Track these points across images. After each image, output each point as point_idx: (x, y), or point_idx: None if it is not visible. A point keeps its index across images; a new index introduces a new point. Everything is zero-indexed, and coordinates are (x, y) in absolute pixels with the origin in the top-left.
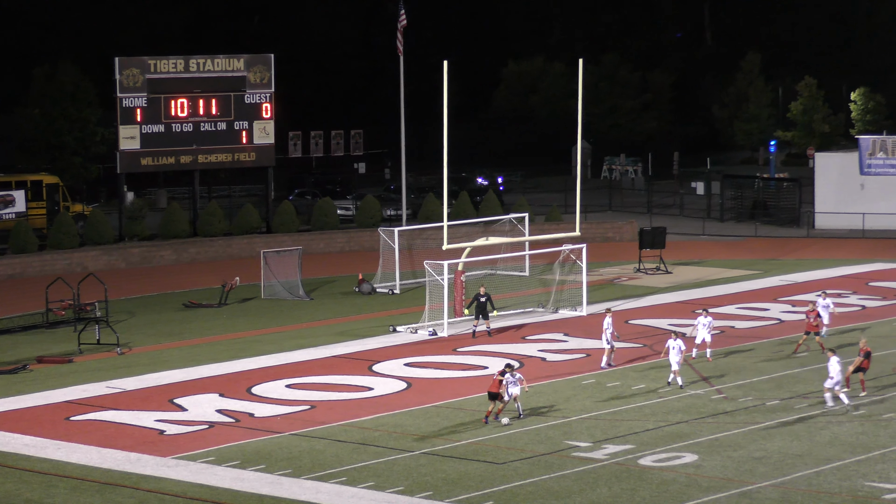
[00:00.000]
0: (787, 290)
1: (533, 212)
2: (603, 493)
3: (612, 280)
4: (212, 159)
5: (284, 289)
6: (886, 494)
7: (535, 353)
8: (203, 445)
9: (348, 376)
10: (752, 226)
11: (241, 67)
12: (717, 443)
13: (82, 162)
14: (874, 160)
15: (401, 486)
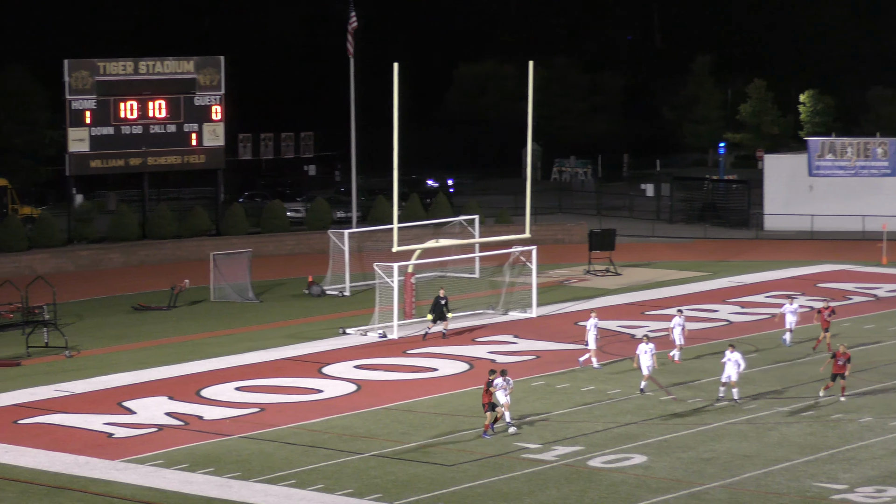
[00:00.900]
0: (736, 292)
1: (483, 214)
2: (552, 495)
3: (562, 282)
4: (161, 162)
5: (234, 291)
6: (834, 495)
7: (485, 354)
8: (152, 448)
9: (298, 379)
10: (701, 227)
11: (190, 69)
12: (666, 444)
13: (31, 164)
14: (823, 162)
15: (351, 489)
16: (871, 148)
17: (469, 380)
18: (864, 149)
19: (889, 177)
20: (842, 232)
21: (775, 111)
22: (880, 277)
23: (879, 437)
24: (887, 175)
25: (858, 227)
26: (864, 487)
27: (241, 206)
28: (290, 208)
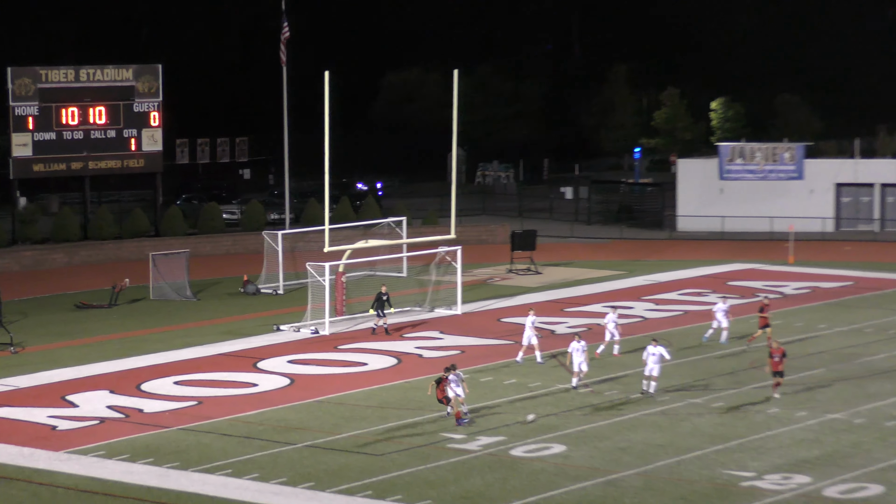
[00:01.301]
0: (650, 290)
1: (410, 215)
2: (476, 483)
3: (486, 280)
4: (102, 166)
5: (172, 290)
6: (743, 482)
7: (412, 350)
8: (94, 440)
9: (234, 373)
10: (618, 228)
11: (129, 77)
12: (584, 434)
13: None
14: (733, 166)
15: (284, 478)
16: (779, 153)
17: (397, 374)
18: (772, 154)
19: (795, 180)
20: (751, 233)
21: (688, 118)
22: (787, 276)
23: (786, 427)
24: (794, 179)
25: (766, 228)
26: (772, 475)
27: (178, 208)
28: (226, 210)
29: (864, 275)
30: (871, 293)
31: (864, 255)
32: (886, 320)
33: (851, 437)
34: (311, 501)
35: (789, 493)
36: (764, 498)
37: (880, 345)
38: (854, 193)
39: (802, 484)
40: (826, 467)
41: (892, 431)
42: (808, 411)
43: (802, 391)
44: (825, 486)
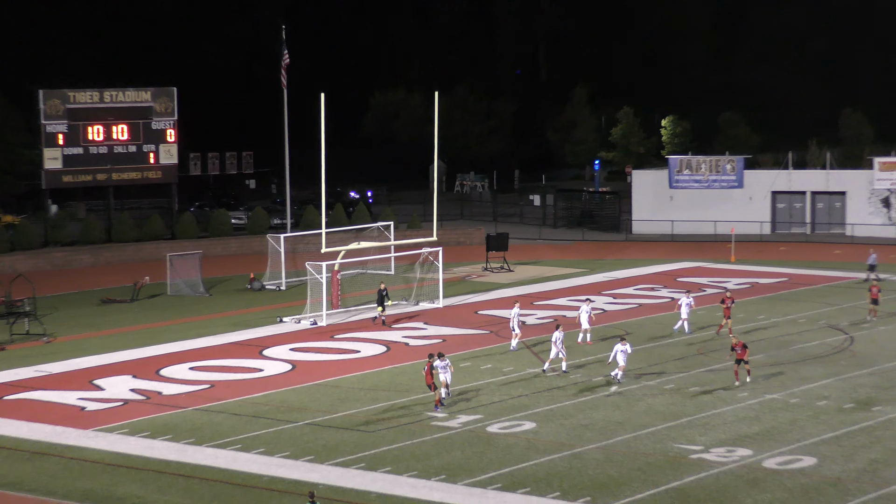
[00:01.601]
0: (609, 285)
1: (397, 220)
2: (457, 456)
3: (464, 277)
4: (124, 177)
5: (187, 286)
6: (692, 455)
7: (399, 339)
8: (118, 419)
9: (242, 360)
10: (580, 231)
11: (148, 98)
12: (551, 413)
13: (11, 179)
14: (681, 176)
15: (287, 452)
16: (722, 164)
17: (386, 360)
18: (716, 165)
19: (736, 189)
20: (697, 235)
21: (641, 133)
22: (730, 273)
23: (730, 405)
24: (735, 187)
25: (711, 230)
26: (717, 448)
27: (191, 214)
28: (234, 216)
29: (797, 272)
30: (803, 288)
31: (797, 255)
32: (817, 312)
33: (788, 415)
34: (311, 473)
35: (733, 465)
36: (710, 469)
37: (812, 333)
38: (788, 200)
39: (744, 456)
40: (765, 441)
41: (823, 410)
42: (748, 392)
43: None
44: (764, 458)
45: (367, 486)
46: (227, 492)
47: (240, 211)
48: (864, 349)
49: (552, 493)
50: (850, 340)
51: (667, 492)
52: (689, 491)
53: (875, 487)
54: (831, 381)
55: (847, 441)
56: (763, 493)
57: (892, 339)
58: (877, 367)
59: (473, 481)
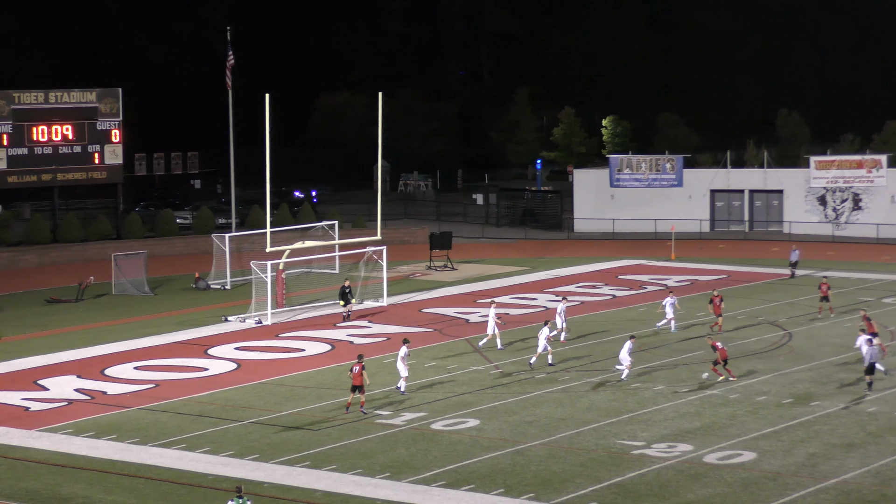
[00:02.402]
0: (552, 283)
1: (342, 220)
2: (402, 453)
3: (408, 276)
4: (69, 177)
5: (132, 286)
6: (634, 450)
7: (344, 337)
8: (63, 419)
9: (187, 359)
10: (522, 230)
11: (93, 99)
12: (495, 410)
13: None
14: (622, 175)
15: (232, 451)
16: (661, 164)
17: (331, 358)
18: (656, 164)
19: (676, 187)
20: (638, 233)
21: (582, 134)
22: (670, 270)
23: (670, 402)
24: (674, 186)
25: (651, 228)
26: (659, 444)
27: (137, 214)
28: (179, 216)
29: (736, 269)
30: (742, 285)
31: (735, 252)
32: (756, 308)
33: (727, 410)
34: (257, 471)
35: (674, 460)
36: (652, 464)
37: (751, 330)
38: (726, 198)
39: (685, 452)
40: (706, 437)
41: (762, 405)
42: (689, 388)
43: (685, 371)
44: (705, 453)
45: (312, 485)
46: (173, 491)
47: (185, 211)
48: (802, 345)
49: (496, 490)
50: (788, 336)
51: (609, 487)
52: (632, 486)
53: (814, 481)
54: (770, 376)
55: (786, 436)
56: (704, 487)
57: (830, 334)
58: (815, 362)
59: (418, 478)
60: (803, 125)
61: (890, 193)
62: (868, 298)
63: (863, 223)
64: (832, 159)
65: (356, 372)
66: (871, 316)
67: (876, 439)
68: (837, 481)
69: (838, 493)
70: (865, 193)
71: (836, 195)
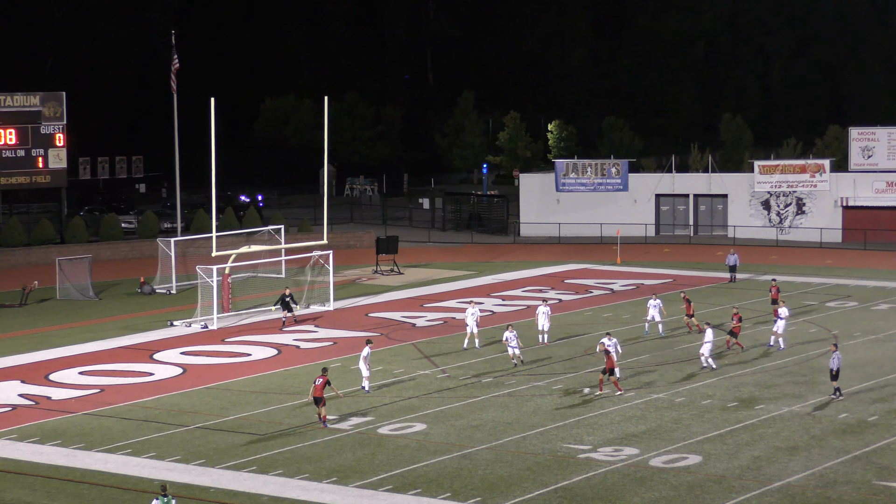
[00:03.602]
0: (498, 287)
1: (288, 224)
2: (348, 458)
3: (355, 280)
4: (12, 181)
5: (77, 290)
6: (581, 454)
7: (291, 342)
8: (6, 425)
9: (132, 364)
10: (468, 234)
11: (36, 103)
12: (442, 414)
13: None
14: (567, 180)
15: (178, 456)
16: (607, 168)
17: (277, 363)
18: (601, 169)
19: (621, 192)
20: (583, 237)
21: (528, 138)
22: (615, 274)
23: (616, 406)
24: (620, 190)
25: (597, 233)
26: (605, 447)
27: (81, 218)
28: (124, 220)
29: (681, 273)
30: (687, 289)
31: (680, 256)
32: (700, 312)
33: (673, 413)
34: (202, 476)
35: (620, 464)
36: (599, 468)
37: (695, 334)
38: (671, 203)
39: (631, 455)
40: (651, 440)
41: (707, 409)
42: (634, 392)
43: (630, 375)
44: (651, 456)
45: (258, 489)
46: (118, 496)
47: (130, 215)
48: (747, 348)
49: (443, 494)
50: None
51: (556, 491)
52: (578, 490)
53: (758, 484)
54: (715, 380)
55: (731, 439)
56: (650, 491)
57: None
58: (759, 366)
59: (365, 483)
60: (746, 130)
61: (833, 198)
62: (812, 302)
63: (806, 227)
64: (776, 164)
65: (318, 384)
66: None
67: (819, 442)
68: (782, 484)
69: (783, 495)
70: (809, 198)
71: (779, 199)
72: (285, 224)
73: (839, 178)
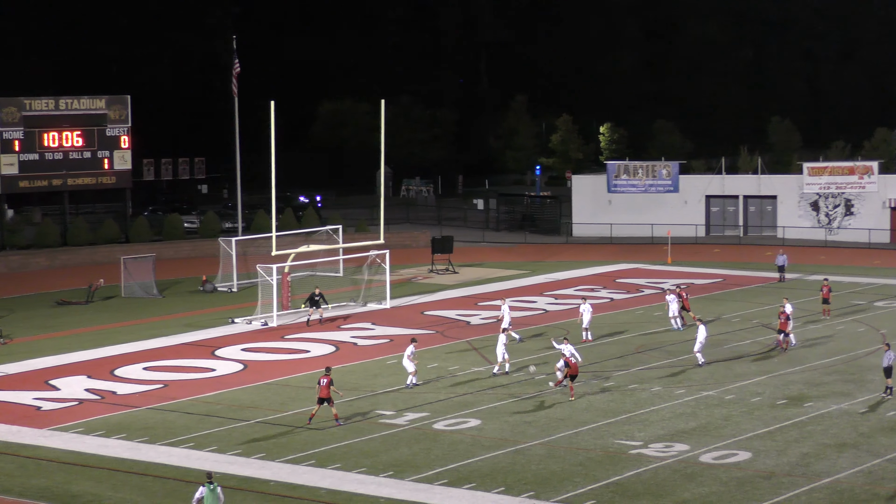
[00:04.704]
0: (550, 286)
1: (345, 224)
2: (404, 452)
3: (410, 279)
4: (79, 182)
5: (140, 289)
6: (631, 450)
7: (348, 339)
8: (74, 419)
9: (195, 360)
10: (521, 234)
11: (102, 106)
12: (495, 410)
13: None
14: (619, 181)
15: (239, 450)
16: (657, 170)
17: (335, 360)
18: (652, 170)
19: (672, 193)
20: (634, 237)
21: (579, 140)
22: (666, 274)
23: (667, 402)
24: (670, 191)
25: (648, 233)
26: (655, 444)
27: (145, 218)
28: (187, 220)
29: (730, 273)
30: (736, 288)
31: (730, 256)
32: (750, 311)
33: (723, 410)
34: (263, 469)
35: (671, 460)
36: (649, 464)
37: (745, 332)
38: (721, 204)
39: (682, 451)
40: (701, 437)
41: (756, 406)
42: (685, 389)
43: (680, 372)
44: (701, 453)
45: (316, 483)
46: (181, 489)
47: (192, 215)
48: (796, 347)
49: (496, 488)
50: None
51: (607, 486)
52: (629, 485)
53: (807, 481)
54: (764, 378)
55: (780, 436)
56: (699, 486)
57: (823, 337)
58: (808, 364)
59: (420, 477)
60: (795, 132)
61: (881, 199)
62: (860, 302)
63: (854, 228)
64: (825, 166)
65: (323, 384)
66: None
67: (868, 440)
68: (830, 480)
69: (831, 492)
70: (857, 199)
71: (828, 201)
72: (343, 224)
73: (887, 179)
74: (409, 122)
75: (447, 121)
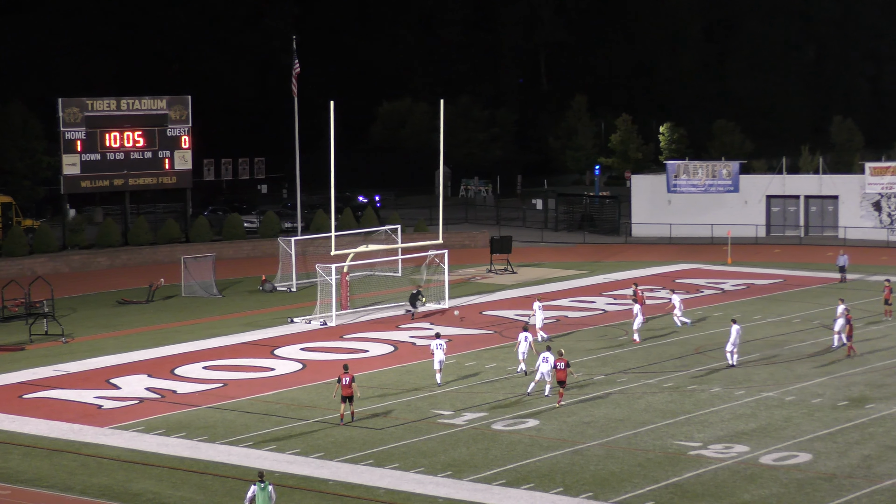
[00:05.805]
0: (609, 286)
1: (404, 224)
2: (462, 452)
3: (469, 279)
4: (140, 182)
5: (201, 288)
6: (691, 451)
7: (406, 339)
8: (134, 417)
9: (254, 359)
10: (580, 234)
11: (163, 106)
12: (554, 410)
13: (31, 185)
14: (679, 181)
15: (298, 449)
16: (718, 169)
17: (394, 359)
18: (712, 170)
19: (732, 193)
20: (694, 238)
21: (639, 140)
22: (726, 274)
23: (727, 403)
24: (730, 191)
25: (707, 233)
26: (715, 445)
27: (205, 218)
28: (246, 220)
29: (791, 273)
30: (797, 289)
31: (791, 257)
32: (811, 312)
33: (783, 412)
34: (321, 469)
35: (730, 461)
36: (709, 465)
37: (806, 333)
38: (782, 204)
39: (742, 453)
40: (762, 438)
41: (817, 407)
42: (745, 390)
43: (740, 373)
44: (761, 454)
45: (375, 482)
46: (240, 487)
47: (252, 215)
48: (858, 348)
49: (555, 489)
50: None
51: (666, 487)
52: (688, 486)
53: (868, 483)
54: (825, 379)
55: (841, 438)
56: (760, 488)
57: (885, 338)
58: (869, 365)
59: (478, 477)
60: (857, 132)
61: None
62: None
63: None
64: (887, 165)
65: (345, 383)
66: None
67: None
68: (892, 483)
69: (893, 494)
70: None
71: (890, 201)
72: (401, 224)
73: None
74: (468, 122)
75: (506, 121)
